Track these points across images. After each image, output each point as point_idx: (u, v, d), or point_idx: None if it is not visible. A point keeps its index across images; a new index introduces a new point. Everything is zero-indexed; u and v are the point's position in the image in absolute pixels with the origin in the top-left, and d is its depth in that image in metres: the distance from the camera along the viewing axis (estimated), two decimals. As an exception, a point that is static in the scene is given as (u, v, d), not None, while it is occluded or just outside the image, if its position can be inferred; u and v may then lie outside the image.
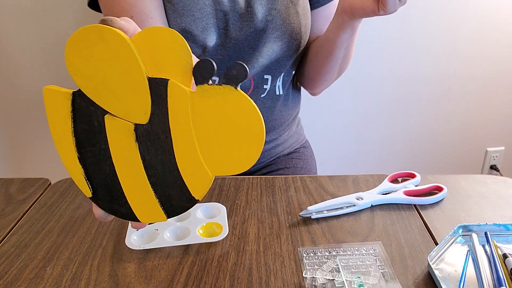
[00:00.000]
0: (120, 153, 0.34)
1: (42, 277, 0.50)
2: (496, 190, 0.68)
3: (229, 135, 0.33)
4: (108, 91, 0.33)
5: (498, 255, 0.51)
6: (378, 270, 0.50)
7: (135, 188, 0.35)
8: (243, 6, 0.72)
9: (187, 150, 0.34)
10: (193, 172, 0.34)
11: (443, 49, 1.50)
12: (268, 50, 0.75)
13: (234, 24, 0.72)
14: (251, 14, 0.72)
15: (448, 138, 1.67)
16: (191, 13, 0.69)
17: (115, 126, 0.34)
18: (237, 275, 0.50)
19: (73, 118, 0.34)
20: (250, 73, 0.76)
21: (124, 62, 0.32)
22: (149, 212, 0.36)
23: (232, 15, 0.72)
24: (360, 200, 0.63)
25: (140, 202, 0.36)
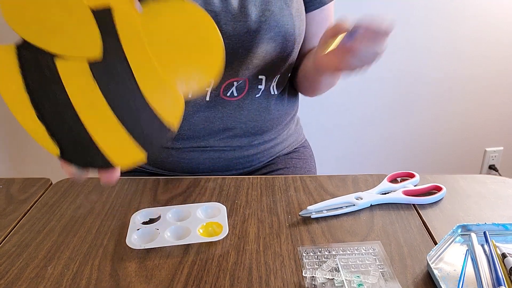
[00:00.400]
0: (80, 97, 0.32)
1: (43, 276, 0.50)
2: (495, 190, 0.68)
3: (187, 48, 0.31)
4: (52, 31, 0.30)
5: (497, 255, 0.51)
6: (378, 269, 0.50)
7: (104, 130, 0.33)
8: (236, 6, 0.72)
9: (149, 76, 0.31)
10: (161, 96, 0.32)
11: (442, 49, 1.50)
12: (262, 51, 0.75)
13: (227, 25, 0.72)
14: (245, 15, 0.72)
15: (447, 138, 1.67)
16: None
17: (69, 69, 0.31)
18: (237, 274, 0.50)
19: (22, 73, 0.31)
20: (244, 74, 0.76)
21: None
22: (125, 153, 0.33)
23: (224, 16, 0.72)
24: (359, 200, 0.63)
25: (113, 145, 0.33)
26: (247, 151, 0.83)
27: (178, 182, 0.69)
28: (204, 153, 0.81)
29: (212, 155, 0.81)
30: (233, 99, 0.78)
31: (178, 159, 0.81)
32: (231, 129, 0.80)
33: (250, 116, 0.81)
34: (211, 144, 0.81)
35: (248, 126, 0.81)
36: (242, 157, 0.83)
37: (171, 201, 0.65)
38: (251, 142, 0.83)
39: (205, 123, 0.79)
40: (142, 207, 0.63)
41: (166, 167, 0.84)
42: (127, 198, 0.66)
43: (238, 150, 0.82)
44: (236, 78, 0.76)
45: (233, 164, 0.83)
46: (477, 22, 1.47)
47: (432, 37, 1.48)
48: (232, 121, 0.80)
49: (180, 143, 0.80)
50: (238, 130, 0.81)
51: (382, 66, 1.49)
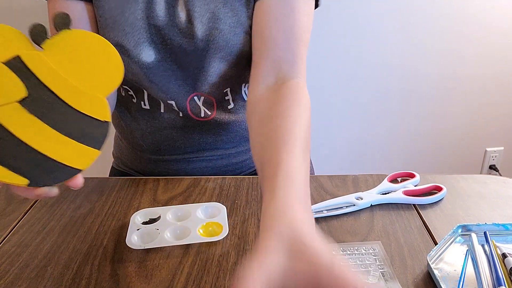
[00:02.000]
0: (25, 131, 0.38)
1: (43, 276, 0.50)
2: (495, 190, 0.68)
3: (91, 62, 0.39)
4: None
5: (497, 255, 0.51)
6: (378, 269, 0.50)
7: (57, 148, 0.39)
8: (184, 20, 0.65)
9: (72, 93, 0.39)
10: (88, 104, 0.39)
11: (443, 49, 1.50)
12: (215, 70, 0.69)
13: (173, 40, 0.66)
14: (191, 32, 0.66)
15: (448, 138, 1.67)
16: (121, 28, 0.65)
17: (6, 114, 0.38)
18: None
19: None
20: (202, 89, 0.71)
21: None
22: (83, 156, 0.40)
23: (169, 30, 0.66)
24: (359, 200, 0.63)
25: (70, 156, 0.40)
26: (235, 158, 0.81)
27: (178, 182, 0.69)
28: (190, 163, 0.79)
29: (199, 164, 0.79)
30: (208, 118, 0.74)
31: (165, 169, 0.80)
32: (213, 142, 0.77)
33: (230, 127, 0.77)
34: (196, 155, 0.78)
35: (229, 137, 0.78)
36: (231, 164, 0.81)
37: (171, 201, 0.64)
38: (237, 150, 0.80)
39: (185, 139, 0.76)
40: (142, 207, 0.63)
41: (159, 175, 0.82)
42: (127, 198, 0.65)
43: (226, 158, 0.80)
44: (196, 93, 0.72)
45: (222, 172, 0.80)
46: (478, 22, 1.47)
47: (432, 38, 1.48)
48: (212, 135, 0.77)
49: (163, 156, 0.78)
50: (219, 142, 0.78)
51: (382, 66, 1.49)
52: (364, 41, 1.45)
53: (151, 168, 0.81)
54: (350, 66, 1.47)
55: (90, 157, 0.40)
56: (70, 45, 0.39)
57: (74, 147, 0.40)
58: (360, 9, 1.40)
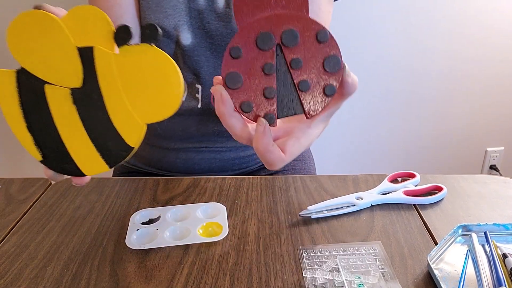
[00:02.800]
0: (61, 117, 0.39)
1: (42, 276, 0.50)
2: (495, 190, 0.68)
3: (151, 86, 0.38)
4: (45, 63, 0.38)
5: (497, 255, 0.51)
6: (378, 269, 0.50)
7: (77, 145, 0.40)
8: (222, 6, 0.71)
9: (117, 104, 0.38)
10: (126, 123, 0.39)
11: (443, 49, 1.50)
12: None
13: (211, 24, 0.71)
14: (229, 15, 0.70)
15: (448, 138, 1.67)
16: (163, 10, 0.69)
17: (54, 94, 0.39)
18: (237, 275, 0.50)
19: (18, 92, 0.39)
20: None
21: (56, 38, 0.37)
22: (93, 165, 0.41)
23: (208, 14, 0.70)
24: (360, 200, 0.63)
25: (83, 158, 0.40)
26: (243, 152, 0.82)
27: (178, 182, 0.69)
28: (199, 154, 0.81)
29: (207, 155, 0.81)
30: None
31: (173, 159, 0.81)
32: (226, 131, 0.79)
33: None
34: (206, 144, 0.81)
35: None
36: (238, 158, 0.83)
37: (171, 201, 0.64)
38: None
39: (199, 126, 0.79)
40: (141, 207, 0.62)
41: (162, 167, 0.83)
42: (127, 198, 0.65)
43: (234, 150, 0.82)
44: None
45: (229, 164, 0.82)
46: (478, 23, 1.47)
47: (433, 38, 1.48)
48: None
49: (175, 143, 0.80)
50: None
51: (382, 66, 1.49)
52: (364, 41, 1.45)
53: (159, 157, 0.82)
54: (350, 66, 1.46)
55: (98, 168, 0.41)
56: (143, 61, 0.37)
57: (91, 152, 0.40)
58: (361, 10, 1.40)
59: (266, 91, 0.38)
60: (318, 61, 0.38)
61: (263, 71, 0.38)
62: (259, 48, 0.37)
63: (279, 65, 0.38)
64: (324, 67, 0.38)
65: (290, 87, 0.39)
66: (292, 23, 0.37)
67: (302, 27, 0.37)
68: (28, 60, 0.38)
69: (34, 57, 0.38)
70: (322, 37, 0.38)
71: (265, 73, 0.38)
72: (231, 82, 0.38)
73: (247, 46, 0.37)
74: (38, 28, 0.37)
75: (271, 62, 0.38)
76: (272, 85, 0.38)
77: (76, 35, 0.37)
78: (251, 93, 0.38)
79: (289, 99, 0.39)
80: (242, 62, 0.38)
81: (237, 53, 0.37)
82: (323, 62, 0.38)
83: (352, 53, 1.45)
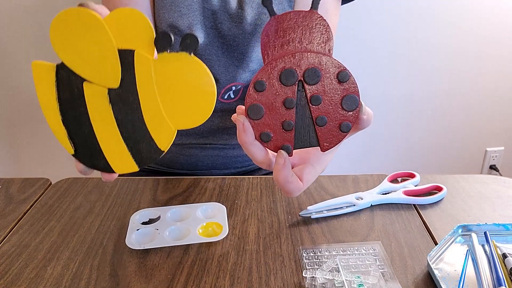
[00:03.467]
0: (96, 114, 0.40)
1: (42, 276, 0.50)
2: (495, 190, 0.68)
3: (185, 94, 0.39)
4: (85, 61, 0.39)
5: (497, 255, 0.51)
6: (378, 269, 0.50)
7: (110, 143, 0.41)
8: (234, 6, 0.72)
9: (152, 108, 0.40)
10: (158, 127, 0.40)
11: (443, 49, 1.50)
12: (258, 55, 0.75)
13: (223, 24, 0.72)
14: (241, 16, 0.72)
15: (448, 138, 1.67)
16: (178, 9, 0.70)
17: (92, 91, 0.40)
18: (237, 274, 0.50)
19: (57, 86, 0.40)
20: (242, 78, 0.76)
21: (98, 37, 0.38)
22: (123, 164, 0.42)
23: (221, 15, 0.72)
24: (359, 200, 0.63)
25: (114, 156, 0.41)
26: None
27: (178, 182, 0.69)
28: (203, 150, 0.81)
29: (211, 152, 0.81)
30: (231, 100, 0.79)
31: (177, 155, 0.82)
32: (231, 128, 0.81)
33: None
34: (210, 141, 0.81)
35: None
36: (241, 155, 0.83)
37: (170, 201, 0.64)
38: None
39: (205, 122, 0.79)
40: (141, 207, 0.63)
41: (165, 163, 0.84)
42: (127, 198, 0.65)
43: (238, 148, 0.82)
44: (234, 83, 0.76)
45: (231, 162, 0.83)
46: (478, 22, 1.47)
47: (432, 37, 1.48)
48: (231, 121, 0.80)
49: (179, 139, 0.81)
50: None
51: (382, 66, 1.49)
52: (364, 41, 1.45)
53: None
54: (350, 66, 1.46)
55: (128, 168, 0.42)
56: (180, 69, 0.38)
57: (122, 151, 0.41)
58: (362, 10, 1.40)
59: (285, 124, 0.41)
60: (336, 99, 0.40)
61: (284, 105, 0.40)
62: (282, 83, 0.39)
63: (299, 100, 0.40)
64: (342, 105, 0.41)
65: (308, 121, 0.41)
66: (316, 62, 0.39)
67: (325, 67, 0.39)
68: (69, 56, 0.39)
69: (75, 54, 0.39)
70: (343, 78, 0.40)
71: (286, 107, 0.40)
72: (253, 114, 0.40)
73: (270, 81, 0.39)
74: (81, 26, 0.38)
75: (292, 97, 0.40)
76: (291, 119, 0.40)
77: (118, 37, 0.38)
78: (271, 125, 0.41)
79: (306, 132, 0.41)
80: (265, 96, 0.40)
81: (261, 87, 0.39)
82: (341, 101, 0.40)
83: (352, 53, 1.45)
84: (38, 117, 1.39)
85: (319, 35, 0.39)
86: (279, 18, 0.39)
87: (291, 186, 0.42)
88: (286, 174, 0.41)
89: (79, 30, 0.38)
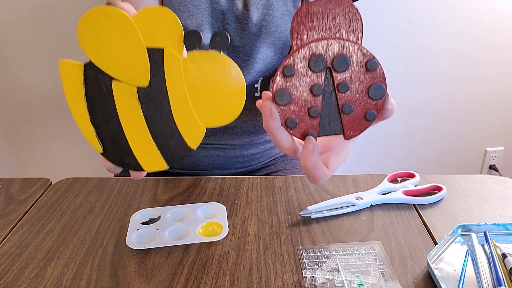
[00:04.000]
0: (125, 113, 0.40)
1: (43, 276, 0.50)
2: (495, 190, 0.68)
3: (216, 92, 0.39)
4: (114, 60, 0.39)
5: (497, 255, 0.51)
6: (378, 269, 0.50)
7: (139, 141, 0.41)
8: (241, 8, 0.72)
9: (181, 107, 0.40)
10: (188, 125, 0.40)
11: (443, 49, 1.50)
12: (262, 56, 0.75)
13: (230, 25, 0.72)
14: (247, 18, 0.72)
15: (448, 138, 1.67)
16: (186, 9, 0.70)
17: (121, 90, 0.40)
18: (237, 274, 0.50)
19: (85, 85, 0.40)
20: (246, 80, 0.76)
21: (127, 36, 0.38)
22: (152, 161, 0.42)
23: (229, 15, 0.72)
24: (359, 200, 0.63)
25: (144, 154, 0.41)
26: (247, 151, 0.83)
27: (178, 182, 0.69)
28: (204, 150, 0.81)
29: (212, 152, 0.82)
30: None
31: None
32: (232, 128, 0.81)
33: (251, 115, 0.81)
34: (212, 141, 0.81)
35: (248, 125, 0.81)
36: (242, 156, 0.83)
37: (171, 201, 0.64)
38: (251, 141, 0.83)
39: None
40: (142, 207, 0.63)
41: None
42: (127, 198, 0.65)
43: (238, 148, 0.82)
44: None
45: (232, 162, 0.83)
46: (478, 23, 1.47)
47: (433, 38, 1.48)
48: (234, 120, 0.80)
49: None
50: (238, 129, 0.81)
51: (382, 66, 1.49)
52: (364, 41, 1.45)
53: None
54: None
55: (158, 165, 0.42)
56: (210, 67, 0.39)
57: (152, 149, 0.41)
58: (363, 11, 1.39)
59: (311, 110, 0.40)
60: (364, 88, 0.40)
61: (311, 91, 0.40)
62: (310, 69, 0.39)
63: (327, 87, 0.40)
64: (369, 93, 0.41)
65: (334, 109, 0.41)
66: (346, 49, 0.39)
67: (354, 54, 0.39)
68: (97, 55, 0.39)
69: (104, 53, 0.39)
70: (371, 66, 0.40)
71: (313, 94, 0.40)
72: (280, 99, 0.40)
73: (299, 67, 0.39)
74: (110, 25, 0.37)
75: (319, 83, 0.39)
76: (317, 105, 0.40)
77: (147, 35, 0.38)
78: (297, 111, 0.40)
79: (331, 120, 0.41)
80: (293, 81, 0.39)
81: (289, 72, 0.39)
82: (368, 89, 0.40)
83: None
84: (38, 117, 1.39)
85: (348, 22, 0.39)
86: (310, 4, 0.38)
87: (319, 172, 0.41)
88: (315, 160, 0.41)
89: (108, 28, 0.38)
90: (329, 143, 0.44)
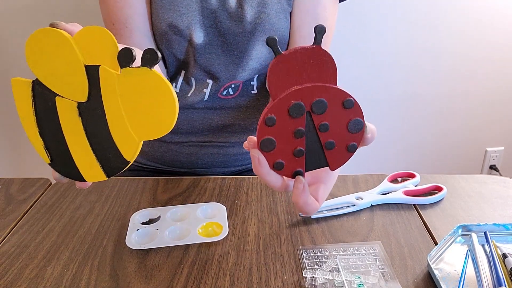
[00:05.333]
0: (68, 126, 0.43)
1: (42, 276, 0.50)
2: (495, 190, 0.68)
3: (147, 106, 0.41)
4: (56, 77, 0.42)
5: (497, 255, 0.51)
6: (378, 269, 0.50)
7: (81, 154, 0.44)
8: (234, 6, 0.72)
9: (117, 121, 0.42)
10: (123, 138, 0.42)
11: (443, 49, 1.50)
12: (257, 53, 0.75)
13: (223, 23, 0.72)
14: (241, 15, 0.72)
15: (448, 138, 1.67)
16: (177, 9, 0.71)
17: (63, 105, 0.42)
18: (237, 274, 0.50)
19: (33, 101, 0.43)
20: (241, 76, 0.77)
21: (66, 55, 0.40)
22: (93, 173, 0.44)
23: (221, 14, 0.72)
24: (360, 200, 0.63)
25: (85, 165, 0.44)
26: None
27: (178, 182, 0.69)
28: (202, 148, 0.82)
29: (210, 150, 0.82)
30: (230, 97, 0.79)
31: (177, 153, 0.82)
32: (230, 126, 0.81)
33: (248, 113, 0.81)
34: (210, 139, 0.81)
35: (246, 123, 0.82)
36: (241, 153, 0.83)
37: (170, 201, 0.64)
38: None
39: (204, 120, 0.80)
40: (141, 207, 0.63)
41: (165, 162, 0.84)
42: (127, 198, 0.65)
43: (237, 146, 0.82)
44: (234, 81, 0.77)
45: (231, 160, 0.83)
46: (478, 23, 1.47)
47: (433, 37, 1.48)
48: (230, 118, 0.80)
49: (179, 137, 0.81)
50: (236, 126, 0.81)
51: (382, 66, 1.49)
52: (364, 41, 1.45)
53: (161, 152, 0.83)
54: (350, 66, 1.47)
55: (97, 177, 0.44)
56: (142, 83, 0.40)
57: (91, 161, 0.43)
58: (362, 10, 1.40)
59: (295, 151, 0.43)
60: (343, 124, 0.43)
61: (294, 135, 0.42)
62: (291, 116, 0.41)
63: (308, 129, 0.42)
64: (348, 128, 0.43)
65: (317, 146, 0.43)
66: (322, 93, 0.41)
67: (330, 97, 0.41)
68: (42, 73, 0.42)
69: (47, 71, 0.41)
70: (348, 105, 0.42)
71: (296, 137, 0.42)
72: (265, 147, 0.42)
73: (280, 115, 0.41)
74: (51, 45, 0.40)
75: (301, 127, 0.42)
76: (301, 146, 0.43)
77: (85, 53, 0.40)
78: (283, 154, 0.43)
79: (316, 156, 0.44)
80: (276, 129, 0.42)
81: (271, 122, 0.41)
82: (347, 125, 0.43)
83: (351, 53, 1.45)
84: (38, 117, 1.39)
85: (323, 68, 0.41)
86: (284, 57, 0.40)
87: (310, 208, 0.44)
88: (305, 197, 0.44)
89: (49, 48, 0.40)
90: (317, 174, 0.47)
